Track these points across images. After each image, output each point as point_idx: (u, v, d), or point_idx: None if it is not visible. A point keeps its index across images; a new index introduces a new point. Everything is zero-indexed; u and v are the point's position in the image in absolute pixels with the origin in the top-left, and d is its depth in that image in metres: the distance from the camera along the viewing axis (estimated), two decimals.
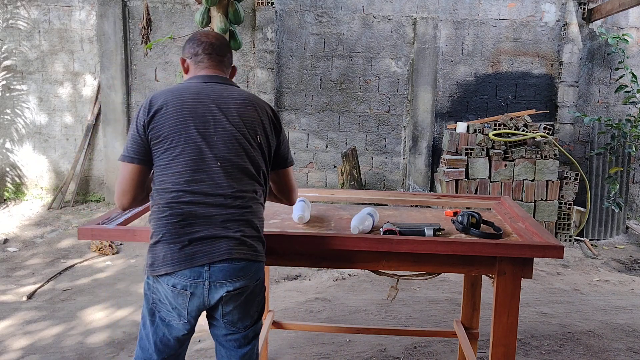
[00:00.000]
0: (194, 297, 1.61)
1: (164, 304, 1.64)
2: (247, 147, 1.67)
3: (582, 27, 6.04)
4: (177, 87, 1.71)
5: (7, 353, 2.98)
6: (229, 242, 1.61)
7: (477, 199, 2.74)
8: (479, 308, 2.62)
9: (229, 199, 1.63)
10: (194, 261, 1.58)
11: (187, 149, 1.61)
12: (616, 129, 5.31)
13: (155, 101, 1.64)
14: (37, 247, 5.14)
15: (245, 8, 5.72)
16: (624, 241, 5.90)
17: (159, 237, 1.61)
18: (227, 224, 1.62)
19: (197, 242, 1.59)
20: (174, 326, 1.66)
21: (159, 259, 1.60)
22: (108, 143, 6.23)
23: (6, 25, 6.14)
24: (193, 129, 1.62)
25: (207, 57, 1.77)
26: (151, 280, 1.65)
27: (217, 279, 1.61)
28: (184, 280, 1.59)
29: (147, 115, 1.62)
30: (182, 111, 1.63)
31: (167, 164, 1.62)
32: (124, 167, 1.64)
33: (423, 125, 6.21)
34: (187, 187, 1.60)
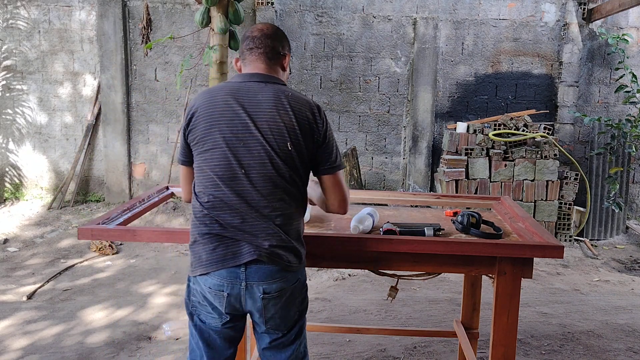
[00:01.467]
0: (231, 298, 1.61)
1: (204, 306, 1.64)
2: (274, 156, 1.59)
3: (582, 27, 6.04)
4: (214, 87, 1.69)
5: (7, 353, 2.98)
6: (258, 249, 1.58)
7: (477, 199, 2.73)
8: (479, 308, 2.62)
9: (256, 208, 1.59)
10: (227, 262, 1.58)
11: (214, 154, 1.61)
12: (616, 129, 5.31)
13: (193, 103, 1.66)
14: (37, 247, 5.14)
15: (245, 8, 5.72)
16: (624, 241, 5.90)
17: (196, 238, 1.63)
18: (255, 232, 1.59)
19: (230, 244, 1.59)
20: (214, 327, 1.66)
21: (197, 260, 1.62)
22: (108, 143, 6.23)
23: (6, 25, 6.13)
24: (219, 134, 1.59)
25: (248, 52, 1.70)
26: (192, 282, 1.67)
27: (253, 280, 1.59)
28: (220, 280, 1.59)
29: (187, 118, 1.66)
30: (211, 115, 1.61)
31: (199, 167, 1.65)
32: (179, 167, 1.77)
33: (423, 125, 6.21)
34: (215, 192, 1.60)
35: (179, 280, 4.26)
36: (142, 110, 6.28)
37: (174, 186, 2.65)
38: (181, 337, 3.21)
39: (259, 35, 1.69)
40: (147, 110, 6.27)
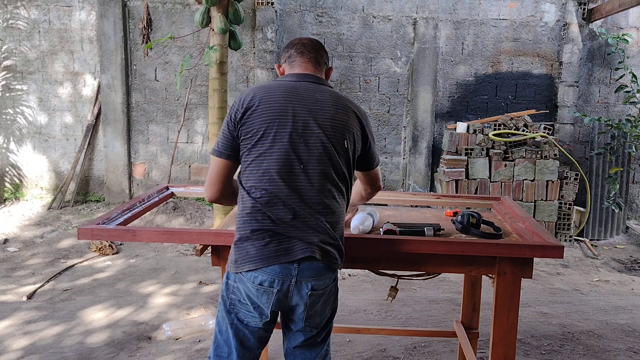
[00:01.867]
0: (280, 294, 1.61)
1: (244, 304, 1.63)
2: (332, 153, 1.64)
3: (582, 27, 6.04)
4: (270, 84, 1.70)
5: (7, 353, 2.98)
6: (310, 246, 1.61)
7: (477, 199, 2.73)
8: (479, 308, 2.62)
9: (309, 204, 1.62)
10: (280, 258, 1.59)
11: (273, 148, 1.61)
12: (616, 129, 5.31)
13: (247, 97, 1.65)
14: (37, 247, 5.14)
15: (245, 8, 5.72)
16: (624, 241, 5.90)
17: (245, 233, 1.61)
18: (306, 229, 1.62)
19: (283, 240, 1.60)
20: (253, 326, 1.65)
21: (243, 256, 1.61)
22: (108, 143, 6.23)
23: (6, 25, 6.13)
24: (281, 129, 1.62)
25: (299, 55, 1.78)
26: (232, 280, 1.65)
27: (304, 276, 1.61)
28: (272, 276, 1.59)
29: (240, 112, 1.63)
30: (271, 110, 1.63)
31: (252, 162, 1.63)
32: (213, 160, 1.69)
33: (423, 125, 6.21)
34: (269, 187, 1.60)
35: (179, 280, 4.27)
36: (142, 110, 6.28)
37: (174, 186, 2.65)
38: (181, 337, 3.21)
39: (309, 43, 1.82)
40: (147, 110, 6.27)
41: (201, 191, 2.70)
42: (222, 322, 1.69)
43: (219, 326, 1.70)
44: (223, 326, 1.68)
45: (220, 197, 1.71)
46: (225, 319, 1.68)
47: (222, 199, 1.73)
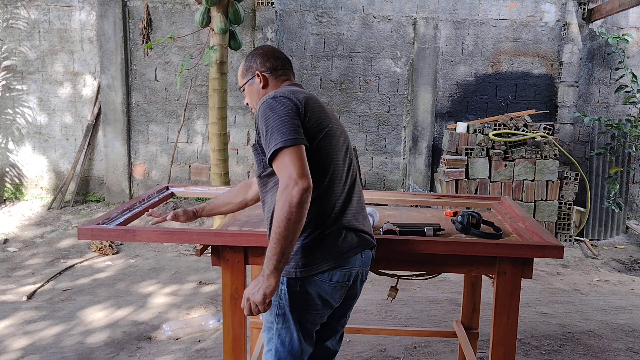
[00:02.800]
0: (352, 285, 1.68)
1: (313, 305, 1.61)
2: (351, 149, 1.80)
3: (582, 27, 6.04)
4: (296, 88, 1.73)
5: (7, 353, 2.98)
6: (370, 235, 1.72)
7: (477, 199, 2.73)
8: (479, 308, 2.62)
9: (360, 195, 1.74)
10: (356, 250, 1.64)
11: (338, 141, 1.68)
12: (616, 129, 5.31)
13: (298, 95, 1.63)
14: (37, 247, 5.14)
15: (245, 8, 5.72)
16: (624, 241, 5.90)
17: (317, 234, 1.59)
18: (363, 219, 1.72)
19: (354, 233, 1.65)
20: (318, 322, 1.69)
21: (318, 257, 1.58)
22: (108, 143, 6.23)
23: (6, 25, 6.13)
24: (334, 125, 1.70)
25: (287, 71, 1.84)
26: (296, 286, 1.58)
27: (366, 265, 1.70)
28: (349, 269, 1.63)
29: (301, 105, 1.59)
30: (320, 107, 1.69)
31: (318, 155, 1.61)
32: (293, 150, 1.49)
33: (423, 125, 6.21)
34: (340, 181, 1.65)
35: (179, 280, 4.27)
36: (142, 110, 6.28)
37: (174, 186, 2.66)
38: (181, 337, 3.21)
39: (289, 60, 1.88)
40: (147, 110, 6.27)
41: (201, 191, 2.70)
42: (284, 334, 1.62)
43: (280, 339, 1.63)
44: (286, 337, 1.62)
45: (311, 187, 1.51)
46: (291, 327, 1.61)
47: None
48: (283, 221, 1.45)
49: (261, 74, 1.78)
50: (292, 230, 1.46)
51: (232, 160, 6.21)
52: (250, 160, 6.35)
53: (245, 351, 1.98)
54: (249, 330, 2.65)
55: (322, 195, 1.60)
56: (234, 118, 6.24)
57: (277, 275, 1.50)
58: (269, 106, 1.57)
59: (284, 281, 1.59)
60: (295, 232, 1.47)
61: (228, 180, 4.98)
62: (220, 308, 3.62)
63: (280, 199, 1.46)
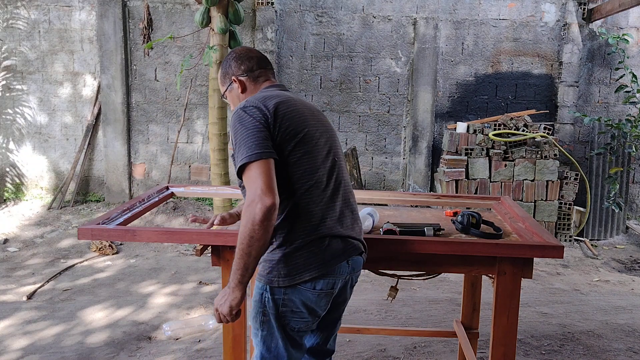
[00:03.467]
0: (338, 292, 1.65)
1: (298, 313, 1.59)
2: (339, 147, 1.76)
3: (582, 27, 6.04)
4: (272, 92, 1.67)
5: (7, 353, 2.98)
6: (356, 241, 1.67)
7: (477, 199, 2.73)
8: (479, 308, 2.62)
9: (348, 198, 1.69)
10: (340, 258, 1.59)
11: (316, 146, 1.62)
12: (616, 129, 5.31)
13: (268, 102, 1.58)
14: (37, 247, 5.14)
15: (245, 8, 5.72)
16: (624, 241, 5.90)
17: (299, 243, 1.55)
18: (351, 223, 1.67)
19: (338, 241, 1.60)
20: (304, 330, 1.64)
21: (300, 266, 1.55)
22: (108, 143, 6.23)
23: (6, 25, 6.13)
24: (312, 128, 1.64)
25: (263, 70, 1.78)
26: (279, 294, 1.57)
27: (354, 271, 1.67)
28: (333, 278, 1.59)
29: (270, 114, 1.54)
30: (297, 112, 1.62)
31: (296, 162, 1.57)
32: (260, 164, 1.48)
33: (423, 125, 6.21)
34: (318, 185, 1.60)
35: (179, 280, 4.27)
36: (142, 110, 6.28)
37: (174, 186, 2.65)
38: (181, 337, 3.21)
39: (264, 57, 1.82)
40: (147, 110, 6.27)
41: (201, 191, 2.70)
42: (269, 340, 1.62)
43: (266, 344, 1.62)
44: (272, 343, 1.62)
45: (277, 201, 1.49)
46: (275, 334, 1.61)
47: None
48: (246, 238, 1.45)
49: (237, 79, 1.76)
50: (254, 247, 1.46)
51: (232, 160, 6.20)
52: None
53: (245, 351, 1.98)
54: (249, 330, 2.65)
55: (300, 204, 1.56)
56: None
57: (241, 288, 1.51)
58: (238, 118, 1.56)
59: (267, 289, 1.58)
60: (258, 249, 1.47)
61: (228, 180, 4.98)
62: None
63: (244, 216, 1.45)
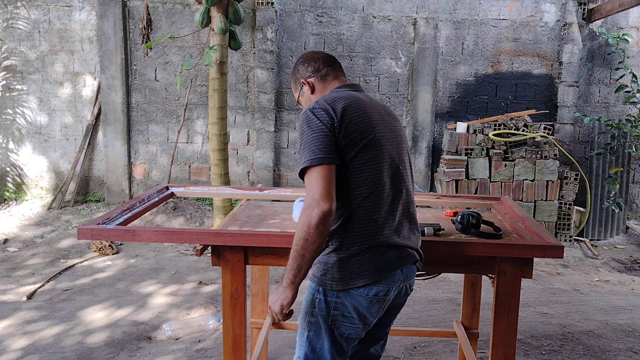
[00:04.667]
0: (390, 300, 1.62)
1: (348, 317, 1.58)
2: (406, 154, 1.73)
3: (582, 27, 6.04)
4: (340, 94, 1.64)
5: (7, 353, 2.98)
6: (413, 250, 1.65)
7: (477, 199, 2.73)
8: (479, 308, 2.62)
9: (409, 207, 1.67)
10: (393, 267, 1.58)
11: (381, 153, 1.59)
12: (616, 129, 5.31)
13: (336, 104, 1.57)
14: (37, 247, 5.14)
15: (245, 8, 5.72)
16: (624, 241, 5.90)
17: (355, 250, 1.55)
18: (409, 233, 1.65)
19: (394, 250, 1.59)
20: (354, 337, 1.63)
21: (353, 272, 1.55)
22: (108, 143, 6.23)
23: (6, 25, 6.13)
24: (379, 134, 1.61)
25: (330, 68, 1.78)
26: (332, 296, 1.57)
27: (407, 280, 1.64)
28: (387, 285, 1.57)
29: (337, 117, 1.53)
30: (364, 116, 1.59)
31: (358, 168, 1.55)
32: (322, 170, 1.48)
33: (423, 125, 6.21)
34: (379, 193, 1.57)
35: (179, 280, 4.27)
36: (142, 110, 6.28)
37: (174, 186, 2.65)
38: (181, 337, 3.21)
39: (330, 56, 1.82)
40: (147, 110, 6.27)
41: (201, 191, 2.70)
42: (315, 340, 1.62)
43: (311, 345, 1.62)
44: (318, 344, 1.62)
45: (335, 207, 1.49)
46: (322, 336, 1.61)
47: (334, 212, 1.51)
48: (300, 240, 1.48)
49: (306, 81, 1.77)
50: (308, 249, 1.48)
51: (232, 160, 6.21)
52: (250, 161, 6.35)
53: (245, 351, 1.98)
54: (249, 330, 2.65)
55: (359, 210, 1.55)
56: (234, 118, 6.24)
57: (293, 288, 1.55)
58: (305, 119, 1.56)
59: (320, 291, 1.59)
60: (312, 252, 1.49)
61: (228, 180, 4.98)
62: (220, 308, 3.62)
63: (301, 218, 1.48)
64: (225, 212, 4.92)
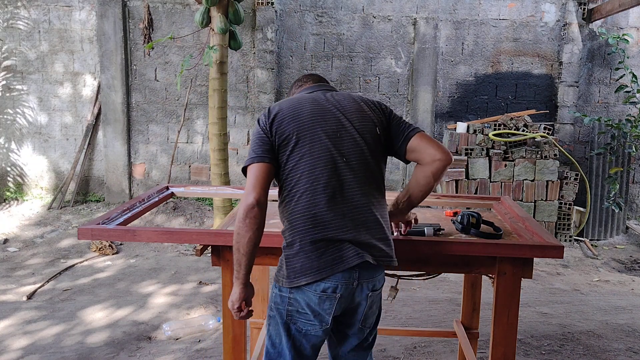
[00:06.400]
0: (342, 299, 1.59)
1: (303, 314, 1.60)
2: (367, 143, 1.67)
3: (582, 27, 6.04)
4: (289, 98, 1.79)
5: (7, 353, 2.98)
6: (363, 248, 1.59)
7: (477, 199, 2.73)
8: (479, 308, 2.62)
9: (356, 198, 1.62)
10: (337, 267, 1.56)
11: (313, 148, 1.61)
12: (616, 129, 5.31)
13: (273, 109, 1.68)
14: (37, 247, 5.14)
15: (245, 8, 5.71)
16: (624, 241, 5.90)
17: (296, 247, 1.58)
18: (358, 226, 1.60)
19: (336, 247, 1.57)
20: (312, 334, 1.62)
21: (298, 270, 1.57)
22: (108, 143, 6.23)
23: (6, 25, 6.13)
24: (317, 129, 1.63)
25: (308, 77, 1.89)
26: (286, 292, 1.60)
27: (364, 278, 1.61)
28: (335, 282, 1.56)
29: (269, 120, 1.64)
30: (301, 114, 1.66)
31: (294, 166, 1.61)
32: (253, 167, 1.60)
33: (423, 125, 6.20)
34: (316, 187, 1.58)
35: (179, 280, 4.27)
36: (142, 110, 6.28)
37: (174, 186, 2.65)
38: (181, 337, 3.21)
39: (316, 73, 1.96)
40: (147, 110, 6.27)
41: (201, 191, 2.71)
42: (275, 336, 1.65)
43: (272, 340, 1.66)
44: (277, 339, 1.65)
45: (263, 201, 1.56)
46: (280, 332, 1.64)
47: (265, 205, 1.58)
48: (234, 235, 1.58)
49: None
50: (241, 243, 1.56)
51: (232, 160, 6.21)
52: None
53: (245, 351, 1.98)
54: (249, 330, 2.65)
55: (298, 208, 1.59)
56: (234, 118, 6.24)
57: (238, 284, 1.62)
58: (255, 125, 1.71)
59: (277, 286, 1.64)
60: (245, 246, 1.56)
61: (228, 180, 4.98)
62: (220, 308, 3.62)
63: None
64: (225, 212, 4.92)
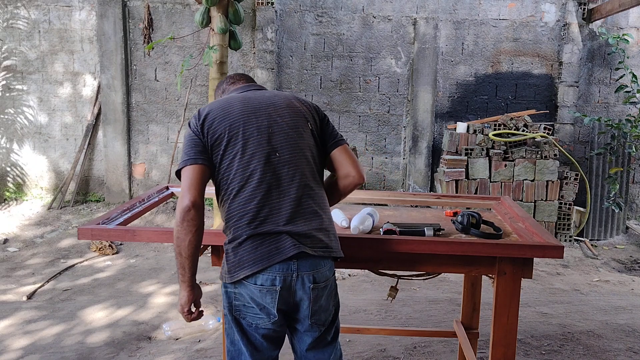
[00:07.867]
0: (283, 291, 1.59)
1: (250, 307, 1.62)
2: (300, 136, 1.70)
3: (582, 27, 6.04)
4: (224, 97, 1.79)
5: (7, 353, 2.98)
6: (299, 239, 1.59)
7: (477, 199, 2.73)
8: (479, 308, 2.62)
9: (292, 190, 1.63)
10: (274, 258, 1.57)
11: (246, 146, 1.63)
12: (616, 129, 5.31)
13: (202, 111, 1.70)
14: (37, 247, 5.14)
15: (245, 8, 5.71)
16: (624, 241, 5.90)
17: (233, 243, 1.60)
18: (295, 218, 1.61)
19: (272, 239, 1.58)
20: (263, 327, 1.63)
21: (236, 264, 1.59)
22: (108, 143, 6.23)
23: (6, 25, 6.13)
24: (248, 127, 1.66)
25: (237, 77, 1.92)
26: (231, 288, 1.63)
27: (304, 270, 1.60)
28: (272, 274, 1.57)
29: (199, 122, 1.66)
30: (231, 114, 1.68)
31: (229, 164, 1.63)
32: (187, 170, 1.62)
33: (423, 125, 6.21)
34: (250, 183, 1.61)
35: None
36: (142, 110, 6.28)
37: (174, 186, 2.65)
38: (181, 337, 3.21)
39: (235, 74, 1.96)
40: (147, 110, 6.28)
41: None
42: (231, 333, 1.67)
43: (229, 338, 1.68)
44: (233, 336, 1.67)
45: (199, 202, 1.58)
46: (233, 327, 1.66)
47: (200, 203, 1.59)
48: (174, 239, 1.59)
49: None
50: (182, 247, 1.57)
51: None
52: None
53: None
54: None
55: (234, 205, 1.62)
56: None
57: (184, 287, 1.64)
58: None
59: (223, 284, 1.67)
60: (186, 249, 1.57)
61: None
62: (220, 308, 3.63)
63: None
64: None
